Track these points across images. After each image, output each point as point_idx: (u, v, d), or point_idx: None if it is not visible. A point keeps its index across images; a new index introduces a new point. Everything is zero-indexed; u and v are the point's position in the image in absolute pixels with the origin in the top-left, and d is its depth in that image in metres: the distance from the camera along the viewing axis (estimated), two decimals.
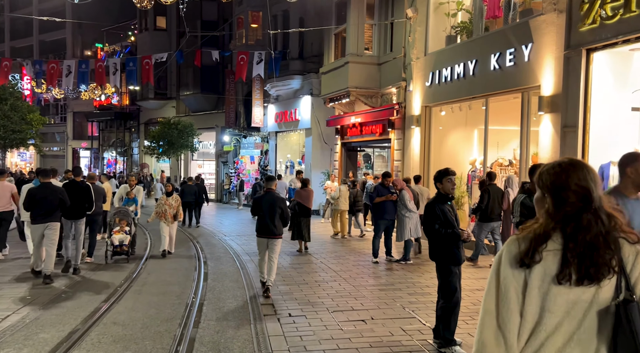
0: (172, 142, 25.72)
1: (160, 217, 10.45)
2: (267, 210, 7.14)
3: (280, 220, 7.19)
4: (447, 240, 4.83)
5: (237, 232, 14.93)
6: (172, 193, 10.79)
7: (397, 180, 9.84)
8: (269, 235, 7.20)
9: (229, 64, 26.97)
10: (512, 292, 1.74)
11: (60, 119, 40.70)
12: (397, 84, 14.14)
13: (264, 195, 7.47)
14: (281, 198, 7.48)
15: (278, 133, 23.54)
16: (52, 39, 39.42)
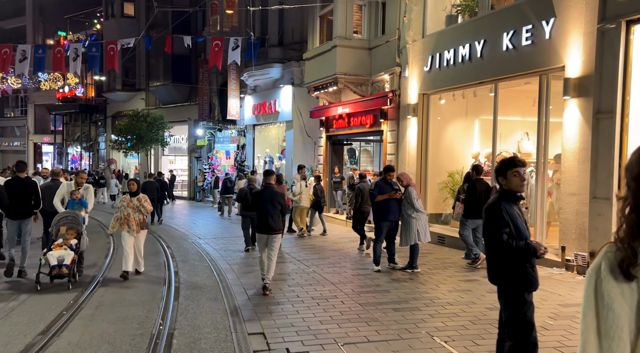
0: (140, 135, 23.74)
1: (122, 224, 7.88)
2: (266, 206, 6.97)
3: (280, 216, 7.10)
4: (519, 256, 3.42)
5: (213, 234, 13.30)
6: (138, 193, 8.07)
7: (403, 175, 8.42)
8: (269, 231, 7.01)
9: (202, 53, 25.13)
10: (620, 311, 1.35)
11: (20, 111, 37.92)
12: (391, 70, 12.74)
13: (263, 189, 7.25)
14: (280, 194, 7.32)
15: (256, 126, 21.91)
16: (10, 26, 36.60)
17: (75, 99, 32.48)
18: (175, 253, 10.40)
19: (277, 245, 7.16)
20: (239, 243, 11.44)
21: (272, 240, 7.00)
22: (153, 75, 28.05)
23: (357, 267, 8.79)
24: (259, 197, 7.07)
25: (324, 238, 12.24)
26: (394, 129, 12.76)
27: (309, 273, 8.25)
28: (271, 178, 7.43)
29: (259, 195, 7.09)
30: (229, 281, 7.69)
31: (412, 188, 8.18)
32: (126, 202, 8.02)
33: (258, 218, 7.08)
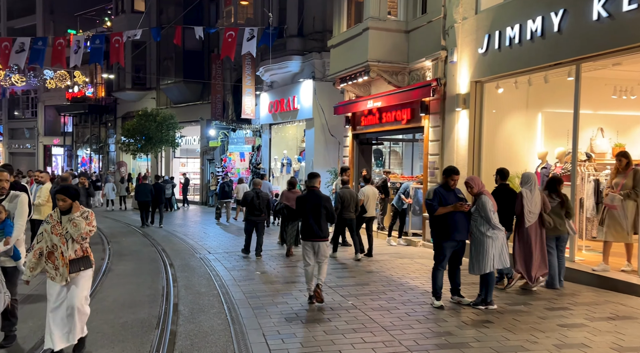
0: (149, 136, 21.86)
1: (47, 263, 4.49)
2: (311, 211, 6.46)
3: (327, 221, 6.54)
4: None
5: (225, 247, 11.28)
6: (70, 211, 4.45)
7: (474, 180, 6.26)
8: (315, 238, 6.47)
9: (215, 48, 23.23)
10: None
11: (31, 113, 36.48)
12: (434, 55, 10.63)
13: (307, 194, 6.75)
14: (325, 197, 6.68)
15: (272, 125, 19.91)
16: (21, 25, 35.17)
17: (85, 99, 30.87)
18: (179, 274, 8.38)
19: (327, 252, 6.60)
20: (256, 263, 9.41)
21: (320, 248, 6.46)
22: (164, 73, 26.26)
23: (407, 298, 6.68)
24: (303, 202, 6.55)
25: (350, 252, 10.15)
26: (437, 124, 10.63)
27: (348, 309, 6.16)
28: (316, 181, 6.79)
29: (304, 200, 6.58)
30: (244, 323, 5.64)
31: (486, 197, 6.04)
32: (50, 224, 4.48)
33: (302, 224, 6.60)
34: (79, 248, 4.54)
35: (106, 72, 29.08)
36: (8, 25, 34.59)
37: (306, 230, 6.48)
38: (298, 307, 6.24)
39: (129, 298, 6.78)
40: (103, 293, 6.99)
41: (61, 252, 4.45)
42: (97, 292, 7.10)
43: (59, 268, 4.44)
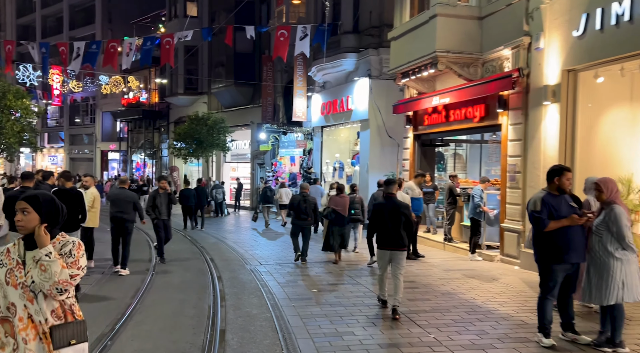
0: (200, 140, 21.34)
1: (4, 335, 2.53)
2: (390, 218, 6.11)
3: (405, 230, 6.13)
4: None
5: (277, 257, 10.27)
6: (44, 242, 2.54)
7: (606, 183, 4.77)
8: (393, 247, 6.11)
9: (267, 50, 22.52)
10: None
11: (89, 119, 37.37)
12: (514, 42, 9.19)
13: (385, 201, 6.41)
14: (405, 205, 6.45)
15: (325, 128, 18.87)
16: (81, 35, 36.07)
17: (139, 104, 31.07)
18: (228, 290, 7.39)
19: (404, 263, 6.20)
20: (310, 276, 8.31)
21: (397, 258, 6.10)
22: (215, 77, 25.86)
23: (503, 331, 5.35)
24: (381, 209, 6.24)
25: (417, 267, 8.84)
26: (518, 121, 9.17)
27: (432, 346, 4.91)
28: (393, 188, 6.50)
29: (382, 207, 6.26)
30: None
31: (620, 208, 4.63)
32: (6, 268, 2.58)
33: (378, 232, 6.23)
34: (59, 307, 2.56)
35: (159, 76, 29.10)
36: (70, 34, 35.57)
37: (383, 238, 6.14)
38: (368, 341, 5.05)
39: (170, 320, 5.83)
40: (143, 314, 6.07)
41: (27, 316, 2.51)
42: (137, 310, 6.20)
43: (27, 343, 2.47)
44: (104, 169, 35.85)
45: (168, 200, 9.69)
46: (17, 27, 40.57)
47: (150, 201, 9.57)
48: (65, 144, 38.74)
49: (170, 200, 9.76)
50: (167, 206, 9.66)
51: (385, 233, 6.10)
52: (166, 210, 9.63)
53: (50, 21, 39.47)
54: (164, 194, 9.69)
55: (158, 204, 9.45)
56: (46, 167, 39.44)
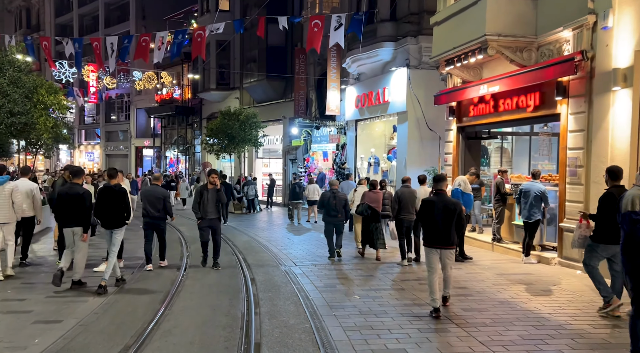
0: (232, 135, 20.91)
1: None
2: (440, 215, 5.81)
3: (456, 228, 5.87)
4: None
5: (312, 257, 9.64)
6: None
7: None
8: (442, 245, 5.84)
9: (299, 42, 21.89)
10: None
11: (124, 116, 37.71)
12: (576, 22, 8.21)
13: (435, 197, 6.01)
14: (456, 202, 6.11)
15: (359, 121, 18.11)
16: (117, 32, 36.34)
17: (172, 100, 31.02)
18: (262, 294, 6.78)
19: (452, 261, 6.10)
20: (349, 279, 7.62)
21: (446, 256, 5.94)
22: (247, 71, 25.44)
23: (581, 349, 4.54)
24: (431, 206, 5.94)
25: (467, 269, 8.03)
26: (581, 110, 8.21)
27: None
28: (443, 185, 6.15)
29: (431, 204, 5.96)
30: None
31: None
32: None
33: (426, 230, 6.01)
34: None
35: (192, 72, 28.92)
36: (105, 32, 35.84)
37: (432, 236, 5.89)
38: None
39: (200, 331, 5.26)
40: (171, 322, 5.53)
41: None
42: (166, 317, 5.66)
43: None
44: (138, 165, 36.10)
45: (217, 198, 8.43)
46: (55, 26, 41.32)
47: (197, 197, 8.43)
48: (102, 141, 39.26)
49: (219, 198, 8.47)
50: (216, 204, 8.46)
51: (435, 231, 5.85)
52: (214, 208, 8.43)
53: (86, 20, 40.01)
54: (213, 191, 8.41)
55: (205, 201, 8.33)
56: (83, 164, 40.12)
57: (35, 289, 6.87)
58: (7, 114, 10.38)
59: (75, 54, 17.56)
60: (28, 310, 5.79)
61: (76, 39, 18.24)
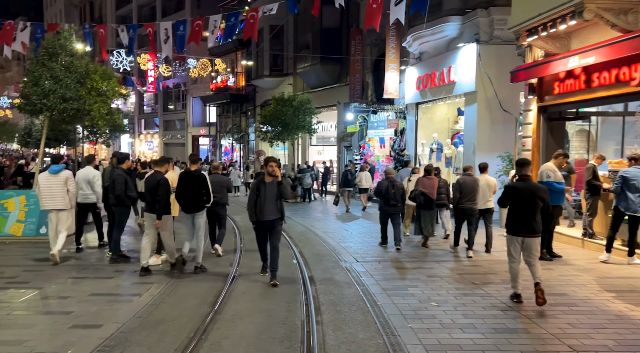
0: (286, 122, 20.12)
1: None
2: (525, 202, 5.49)
3: (541, 214, 5.52)
4: None
5: (374, 253, 8.66)
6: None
7: None
8: (527, 233, 5.50)
9: (355, 23, 20.72)
10: None
11: (181, 105, 38.06)
12: None
13: (519, 183, 5.65)
14: (542, 188, 5.70)
15: (420, 105, 16.80)
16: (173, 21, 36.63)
17: (227, 88, 30.77)
18: (322, 297, 5.88)
19: (538, 252, 5.56)
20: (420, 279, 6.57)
21: (530, 245, 5.48)
22: (301, 57, 24.58)
23: None
24: (515, 192, 5.57)
25: (568, 273, 6.74)
26: None
27: None
28: (528, 169, 5.77)
29: (515, 190, 5.58)
30: None
31: None
32: None
33: (511, 216, 5.59)
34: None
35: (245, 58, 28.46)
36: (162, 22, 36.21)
37: (517, 224, 5.57)
38: None
39: (253, 345, 4.41)
40: (221, 331, 4.74)
41: None
42: (215, 325, 4.88)
43: None
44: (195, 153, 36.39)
45: (277, 193, 6.50)
46: (116, 18, 42.25)
47: (253, 195, 6.58)
48: (160, 130, 39.91)
49: (281, 193, 6.52)
50: (276, 201, 6.52)
51: (518, 218, 5.54)
52: (274, 207, 6.48)
53: (144, 11, 40.58)
54: (272, 185, 6.50)
55: (262, 199, 6.45)
56: (143, 152, 41.03)
57: (80, 284, 6.34)
58: (59, 99, 9.99)
59: (129, 40, 17.40)
60: (68, 310, 5.20)
61: (131, 25, 18.05)
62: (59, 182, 7.58)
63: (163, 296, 5.87)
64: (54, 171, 7.64)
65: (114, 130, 19.84)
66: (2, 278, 6.56)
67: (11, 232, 9.22)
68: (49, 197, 7.57)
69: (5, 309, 5.20)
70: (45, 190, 7.58)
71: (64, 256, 8.04)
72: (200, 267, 7.11)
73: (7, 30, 17.48)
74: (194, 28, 16.12)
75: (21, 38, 17.06)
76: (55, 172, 7.64)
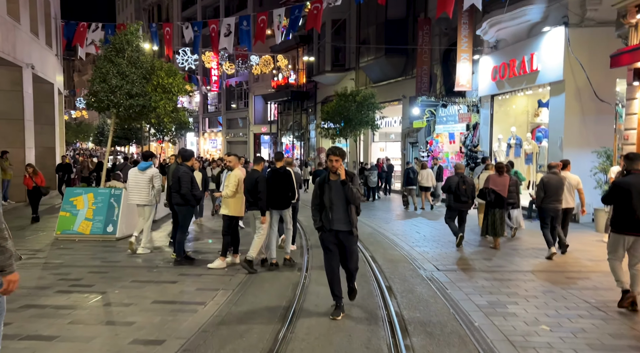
0: (349, 118, 19.33)
1: None
2: (637, 199, 5.03)
3: None
4: None
5: (452, 257, 7.82)
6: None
7: None
8: (636, 232, 5.06)
9: (422, 13, 19.59)
10: None
11: (243, 104, 38.35)
12: None
13: (630, 178, 5.20)
14: None
15: (495, 97, 15.48)
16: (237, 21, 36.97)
17: (288, 86, 30.50)
18: (407, 314, 5.06)
19: None
20: (517, 293, 5.57)
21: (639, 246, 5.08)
22: (363, 51, 23.72)
23: None
24: (626, 187, 5.09)
25: None
26: None
27: None
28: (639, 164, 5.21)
29: (627, 185, 5.09)
30: None
31: None
32: None
33: (619, 214, 5.14)
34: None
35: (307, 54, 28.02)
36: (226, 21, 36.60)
37: (624, 222, 5.13)
38: None
39: None
40: None
41: None
42: (289, 345, 4.22)
43: None
44: (256, 151, 36.52)
45: (343, 196, 4.85)
46: (182, 19, 43.33)
47: (315, 198, 5.08)
48: (223, 128, 40.48)
49: (347, 197, 4.83)
50: (346, 208, 4.90)
51: (628, 216, 5.09)
52: (343, 212, 4.89)
53: (209, 11, 41.30)
54: (338, 184, 4.86)
55: (327, 202, 4.94)
56: (207, 151, 41.80)
57: (144, 289, 5.93)
58: (125, 95, 9.81)
59: (194, 38, 17.37)
60: (129, 321, 4.75)
61: (195, 22, 18.04)
62: (145, 178, 8.01)
63: (230, 306, 5.31)
64: (142, 168, 8.08)
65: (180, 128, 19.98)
66: (68, 280, 6.29)
67: (80, 230, 9.14)
68: (135, 192, 8.06)
69: (67, 317, 4.84)
70: (133, 186, 8.07)
71: (132, 256, 7.78)
72: (275, 263, 7.14)
73: (81, 32, 18.01)
74: (259, 24, 15.80)
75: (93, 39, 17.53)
76: (143, 169, 8.08)
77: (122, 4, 58.50)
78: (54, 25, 19.25)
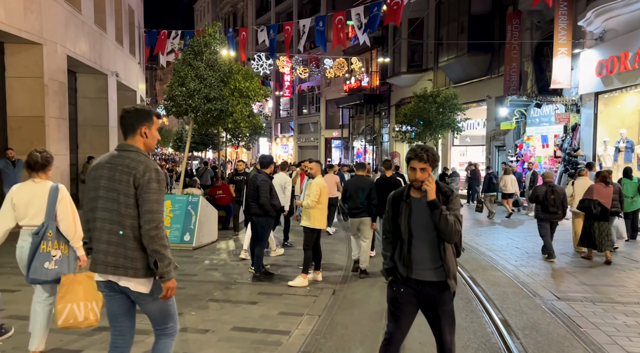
0: (429, 120, 18.06)
1: None
2: None
3: None
4: None
5: (564, 280, 6.46)
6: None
7: None
8: None
9: (511, 6, 17.97)
10: None
11: (315, 109, 38.05)
12: None
13: None
14: None
15: (600, 94, 13.65)
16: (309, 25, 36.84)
17: (361, 89, 29.67)
18: None
19: None
20: None
21: None
22: (443, 50, 22.35)
23: None
24: None
25: None
26: None
27: None
28: None
29: None
30: None
31: None
32: None
33: None
34: None
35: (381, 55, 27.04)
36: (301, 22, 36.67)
37: None
38: None
39: None
40: None
41: None
42: None
43: None
44: (327, 156, 36.02)
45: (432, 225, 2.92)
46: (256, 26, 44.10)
47: (387, 221, 3.18)
48: (295, 133, 40.45)
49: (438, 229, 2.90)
50: (435, 239, 2.96)
51: None
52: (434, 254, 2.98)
53: (282, 17, 41.54)
54: (421, 203, 2.98)
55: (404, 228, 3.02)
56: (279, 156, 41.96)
57: (222, 311, 5.32)
58: (203, 99, 9.45)
59: (269, 41, 17.08)
60: None
61: (271, 25, 17.75)
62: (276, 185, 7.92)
63: (317, 338, 4.54)
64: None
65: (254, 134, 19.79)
66: None
67: None
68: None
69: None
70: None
71: (209, 269, 7.30)
72: (364, 270, 7.07)
73: (162, 40, 18.37)
74: (336, 25, 15.17)
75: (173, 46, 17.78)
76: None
77: (200, 13, 60.85)
78: (137, 34, 19.84)
